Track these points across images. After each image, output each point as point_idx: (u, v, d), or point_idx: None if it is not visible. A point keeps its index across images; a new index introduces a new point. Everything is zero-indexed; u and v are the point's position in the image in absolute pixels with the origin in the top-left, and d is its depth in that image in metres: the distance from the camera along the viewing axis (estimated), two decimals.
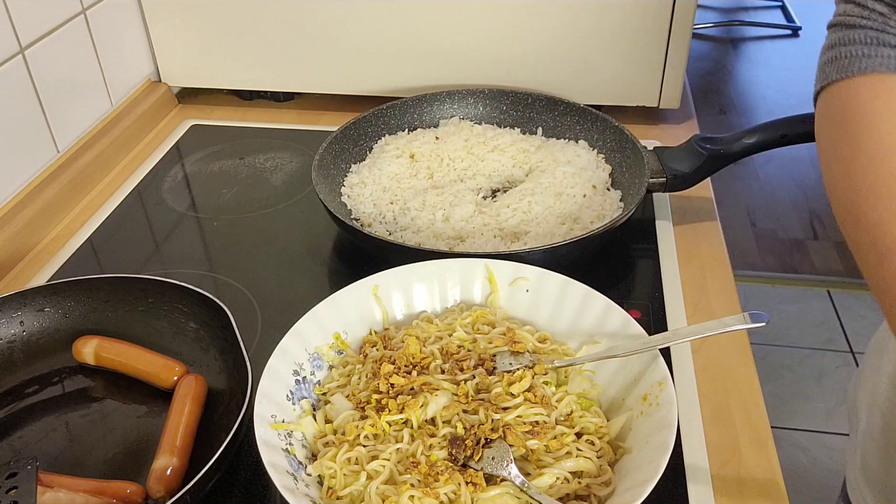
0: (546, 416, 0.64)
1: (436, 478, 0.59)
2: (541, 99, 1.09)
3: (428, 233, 0.91)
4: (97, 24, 1.11)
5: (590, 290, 0.73)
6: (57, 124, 1.04)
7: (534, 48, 1.14)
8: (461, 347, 0.71)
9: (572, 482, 0.61)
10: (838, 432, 2.04)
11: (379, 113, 1.08)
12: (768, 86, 3.57)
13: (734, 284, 0.89)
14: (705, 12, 4.21)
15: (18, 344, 0.79)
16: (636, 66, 1.14)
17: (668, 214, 0.99)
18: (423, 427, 0.64)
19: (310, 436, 0.66)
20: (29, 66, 0.99)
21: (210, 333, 0.77)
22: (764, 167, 3.01)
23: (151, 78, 1.27)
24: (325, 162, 0.99)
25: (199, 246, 0.99)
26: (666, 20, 1.09)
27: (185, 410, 0.69)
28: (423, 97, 1.11)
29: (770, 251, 2.64)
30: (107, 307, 0.81)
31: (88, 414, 0.75)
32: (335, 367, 0.72)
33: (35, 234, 0.99)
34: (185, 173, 1.13)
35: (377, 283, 0.76)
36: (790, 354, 2.27)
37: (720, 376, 0.77)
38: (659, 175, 0.94)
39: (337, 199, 0.98)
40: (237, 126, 1.24)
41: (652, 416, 0.63)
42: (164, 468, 0.64)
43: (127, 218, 1.04)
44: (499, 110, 1.11)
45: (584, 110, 1.06)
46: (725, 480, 0.67)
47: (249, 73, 1.25)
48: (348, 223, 0.88)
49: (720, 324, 0.66)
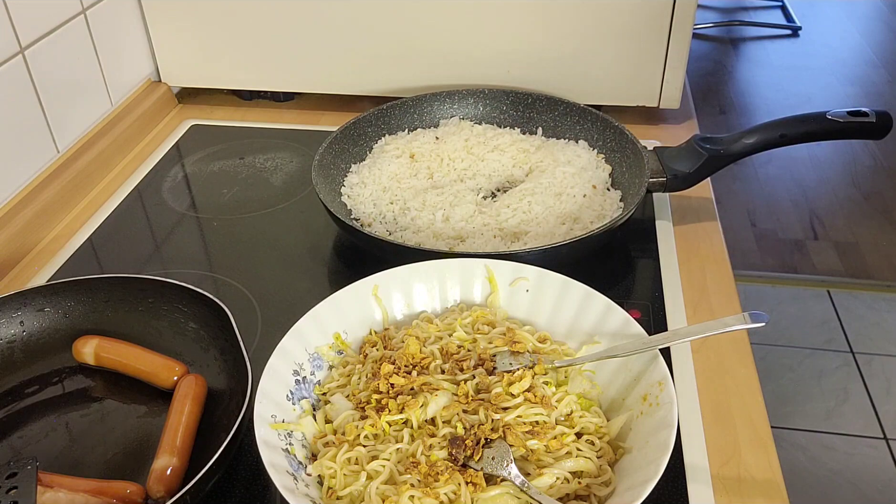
0: (546, 416, 0.64)
1: (436, 478, 0.59)
2: (541, 99, 1.09)
3: (428, 233, 0.91)
4: (97, 24, 1.11)
5: (590, 290, 0.73)
6: (57, 124, 1.04)
7: (534, 48, 1.14)
8: (461, 347, 0.71)
9: (572, 482, 0.61)
10: (838, 432, 2.04)
11: (379, 113, 1.08)
12: (768, 86, 3.57)
13: (734, 284, 0.89)
14: (705, 12, 4.21)
15: (18, 344, 0.79)
16: (636, 66, 1.14)
17: (668, 214, 0.99)
18: (423, 427, 0.64)
19: (310, 436, 0.66)
20: (29, 66, 0.99)
21: (210, 333, 0.77)
22: (764, 167, 3.00)
23: (151, 78, 1.27)
24: (325, 162, 0.99)
25: (199, 246, 0.99)
26: (666, 20, 1.09)
27: (185, 410, 0.69)
28: (423, 97, 1.11)
29: (770, 251, 2.64)
30: (107, 307, 0.81)
31: (88, 414, 0.75)
32: (335, 367, 0.72)
33: (35, 234, 0.99)
34: (185, 173, 1.13)
35: (377, 283, 0.76)
36: (790, 354, 2.27)
37: (720, 376, 0.77)
38: (659, 175, 0.94)
39: (337, 199, 0.98)
40: (237, 126, 1.23)
41: (652, 416, 0.63)
42: (164, 468, 0.64)
43: (127, 218, 1.04)
44: (499, 110, 1.11)
45: (584, 110, 1.06)
46: (725, 480, 0.67)
47: (249, 73, 1.25)
48: (348, 223, 0.88)
49: (720, 324, 0.66)
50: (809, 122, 0.92)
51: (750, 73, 3.69)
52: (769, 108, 3.39)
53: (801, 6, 4.15)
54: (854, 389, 2.15)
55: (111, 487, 0.64)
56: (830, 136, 0.92)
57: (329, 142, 1.00)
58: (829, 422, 2.07)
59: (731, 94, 3.53)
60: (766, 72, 3.69)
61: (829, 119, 0.91)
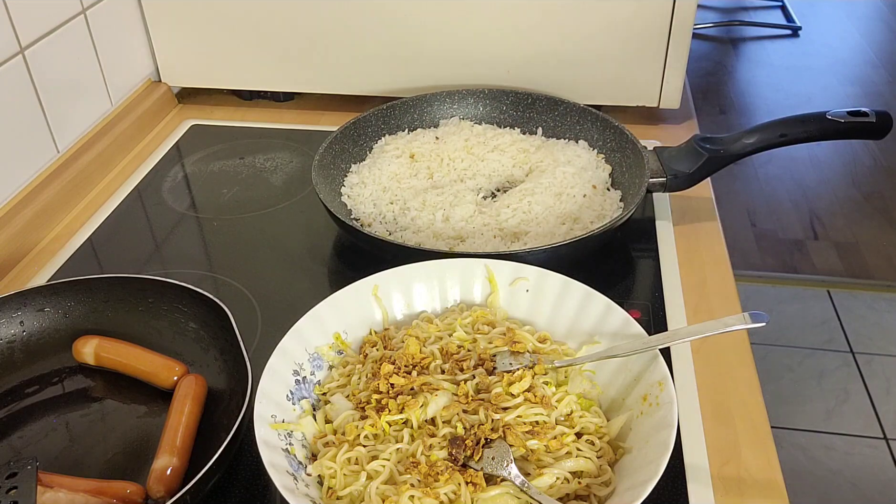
0: (546, 416, 0.64)
1: (436, 478, 0.59)
2: (541, 99, 1.09)
3: (428, 233, 0.91)
4: (97, 24, 1.11)
5: (590, 290, 0.73)
6: (57, 124, 1.04)
7: (534, 48, 1.14)
8: (461, 347, 0.71)
9: (572, 482, 0.61)
10: (838, 432, 2.04)
11: (379, 113, 1.08)
12: (768, 86, 3.57)
13: (734, 284, 0.89)
14: (705, 12, 4.21)
15: (18, 344, 0.79)
16: (636, 66, 1.14)
17: (668, 214, 0.99)
18: (423, 427, 0.64)
19: (310, 436, 0.66)
20: (29, 66, 0.99)
21: (210, 333, 0.77)
22: (764, 167, 3.00)
23: (151, 78, 1.27)
24: (325, 162, 0.99)
25: (199, 246, 0.99)
26: (666, 20, 1.09)
27: (185, 410, 0.69)
28: (423, 97, 1.11)
29: (770, 251, 2.64)
30: (107, 307, 0.81)
31: (88, 414, 0.75)
32: (335, 367, 0.72)
33: (35, 234, 0.99)
34: (185, 173, 1.13)
35: (377, 283, 0.76)
36: (790, 354, 2.27)
37: (720, 376, 0.77)
38: (659, 175, 0.94)
39: (337, 199, 0.98)
40: (237, 126, 1.23)
41: (652, 416, 0.63)
42: (164, 468, 0.64)
43: (127, 218, 1.04)
44: (499, 110, 1.11)
45: (584, 110, 1.06)
46: (725, 480, 0.67)
47: (249, 73, 1.25)
48: (348, 223, 0.88)
49: (720, 324, 0.66)
50: (809, 122, 0.92)
51: (750, 73, 3.69)
52: (769, 108, 3.39)
53: (801, 6, 4.15)
54: (854, 389, 2.15)
55: (111, 487, 0.64)
56: (830, 136, 0.92)
57: (329, 142, 1.00)
58: (829, 422, 2.07)
59: (731, 94, 3.53)
60: (766, 72, 3.69)
61: (829, 119, 0.91)
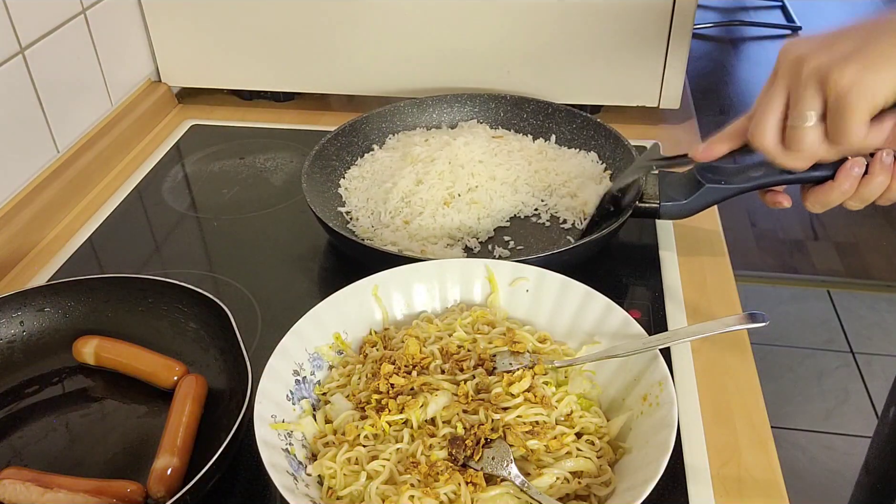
0: (546, 416, 0.64)
1: (436, 478, 0.59)
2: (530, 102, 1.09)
3: (427, 235, 0.91)
4: (97, 24, 1.11)
5: (590, 290, 0.73)
6: (57, 124, 1.04)
7: (534, 49, 1.14)
8: (461, 347, 0.71)
9: (572, 482, 0.61)
10: (838, 432, 2.04)
11: (379, 113, 1.08)
12: None
13: (734, 284, 0.89)
14: (705, 12, 4.20)
15: (18, 344, 0.79)
16: (636, 66, 1.13)
17: None
18: (423, 427, 0.64)
19: (310, 436, 0.66)
20: (29, 66, 0.98)
21: (210, 333, 0.77)
22: None
23: (151, 78, 1.27)
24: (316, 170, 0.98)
25: (199, 246, 0.99)
26: (666, 20, 1.09)
27: (185, 410, 0.69)
28: (422, 100, 1.11)
29: (770, 251, 2.64)
30: (107, 307, 0.81)
31: (88, 414, 0.75)
32: (335, 367, 0.72)
33: (35, 234, 0.99)
34: (185, 173, 1.13)
35: (377, 283, 0.76)
36: (790, 354, 2.27)
37: (720, 376, 0.77)
38: (653, 200, 0.88)
39: (330, 204, 0.97)
40: (237, 126, 1.23)
41: (652, 416, 0.63)
42: (165, 468, 0.64)
43: (127, 218, 1.04)
44: (498, 113, 1.11)
45: (598, 125, 1.04)
46: (725, 480, 0.67)
47: (249, 73, 1.25)
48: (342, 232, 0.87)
49: (720, 324, 0.66)
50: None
51: (750, 73, 3.69)
52: None
53: (801, 6, 4.15)
54: (854, 389, 2.15)
55: (111, 487, 0.64)
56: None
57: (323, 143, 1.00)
58: (829, 422, 2.07)
59: (731, 94, 3.53)
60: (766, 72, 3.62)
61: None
